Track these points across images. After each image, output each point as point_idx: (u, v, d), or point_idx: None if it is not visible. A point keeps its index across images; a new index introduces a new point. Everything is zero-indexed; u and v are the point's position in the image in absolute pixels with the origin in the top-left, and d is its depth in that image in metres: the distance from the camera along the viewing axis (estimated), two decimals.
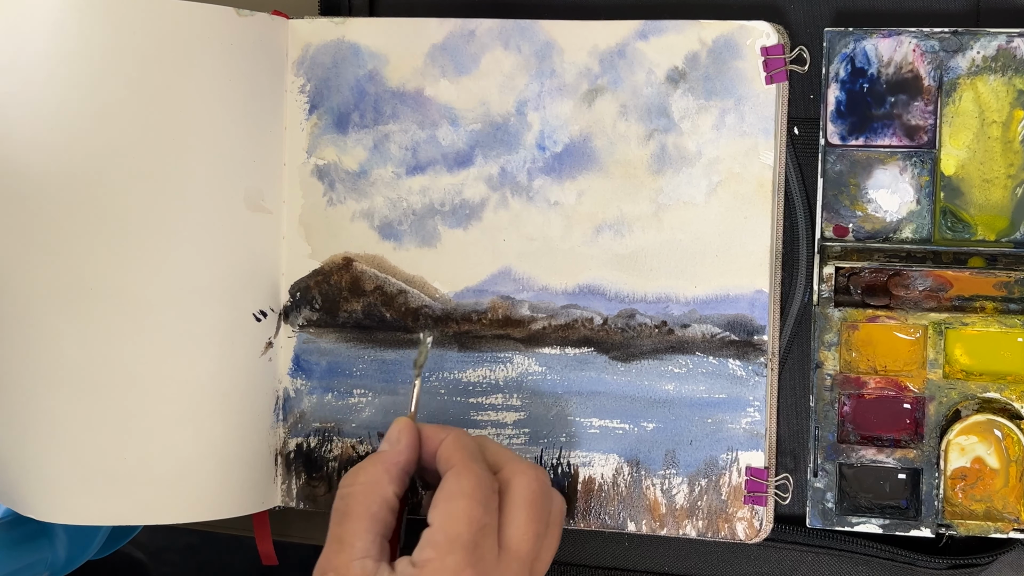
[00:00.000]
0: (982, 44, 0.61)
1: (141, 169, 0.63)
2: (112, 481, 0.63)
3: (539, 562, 0.59)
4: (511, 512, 0.57)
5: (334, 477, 0.68)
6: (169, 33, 0.63)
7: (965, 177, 0.62)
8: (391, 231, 0.67)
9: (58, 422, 0.63)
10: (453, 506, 0.56)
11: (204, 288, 0.65)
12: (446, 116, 0.67)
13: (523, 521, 0.57)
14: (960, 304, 0.63)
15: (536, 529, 0.57)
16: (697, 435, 0.64)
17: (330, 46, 0.68)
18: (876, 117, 0.63)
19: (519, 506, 0.57)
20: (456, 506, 0.56)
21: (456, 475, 0.57)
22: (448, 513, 0.56)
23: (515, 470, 0.58)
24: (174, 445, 0.64)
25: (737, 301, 0.64)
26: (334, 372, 0.68)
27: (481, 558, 0.55)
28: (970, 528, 0.62)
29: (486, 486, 0.57)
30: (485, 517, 0.56)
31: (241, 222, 0.66)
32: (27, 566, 0.65)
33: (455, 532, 0.55)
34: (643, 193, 0.65)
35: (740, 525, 0.64)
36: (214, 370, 0.65)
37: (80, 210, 0.62)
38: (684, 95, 0.64)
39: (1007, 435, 0.62)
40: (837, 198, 0.63)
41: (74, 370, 0.63)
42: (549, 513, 0.59)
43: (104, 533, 0.69)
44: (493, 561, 0.56)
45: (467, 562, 0.55)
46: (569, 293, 0.66)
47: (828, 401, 0.63)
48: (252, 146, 0.66)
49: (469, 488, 0.56)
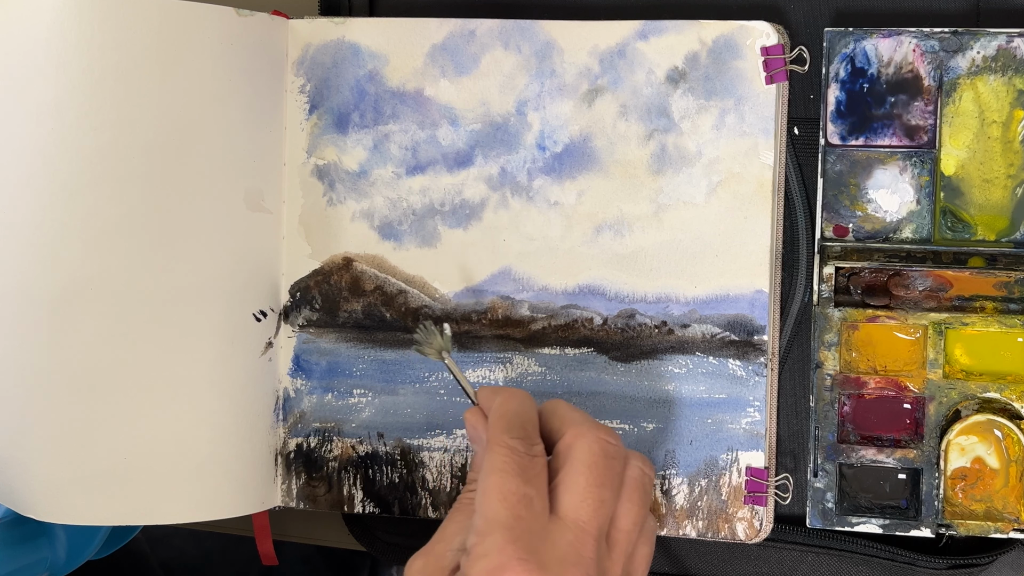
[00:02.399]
0: (982, 44, 0.61)
1: (141, 169, 0.63)
2: (112, 481, 0.63)
3: (636, 552, 0.56)
4: (567, 477, 0.54)
5: (334, 477, 0.68)
6: (169, 33, 0.63)
7: (965, 177, 0.62)
8: (391, 231, 0.67)
9: (58, 422, 0.63)
10: (486, 484, 0.53)
11: (204, 288, 0.65)
12: (446, 116, 0.67)
13: (581, 486, 0.54)
14: (960, 304, 0.63)
15: (598, 495, 0.54)
16: (697, 435, 0.64)
17: (330, 46, 0.68)
18: (876, 117, 0.63)
19: (576, 470, 0.54)
20: (488, 483, 0.53)
21: (488, 451, 0.55)
22: (483, 492, 0.53)
23: (577, 433, 0.55)
24: (174, 445, 0.64)
25: (737, 301, 0.64)
26: (334, 372, 0.68)
27: (526, 531, 0.52)
28: (970, 528, 0.62)
29: (520, 455, 0.54)
30: (523, 488, 0.53)
31: (241, 222, 0.66)
32: (27, 566, 0.65)
33: (491, 512, 0.52)
34: (643, 193, 0.65)
35: (740, 525, 0.64)
36: (214, 370, 0.65)
37: (79, 210, 0.62)
38: (684, 95, 0.64)
39: (1007, 435, 0.62)
40: (837, 198, 0.63)
41: (74, 370, 0.63)
42: (618, 478, 0.55)
43: (104, 533, 0.68)
44: (541, 532, 0.53)
45: (507, 539, 0.51)
46: (569, 293, 0.66)
47: (828, 401, 0.63)
48: (252, 146, 0.66)
49: (500, 462, 0.54)
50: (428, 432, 0.67)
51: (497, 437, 0.55)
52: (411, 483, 0.68)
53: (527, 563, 0.51)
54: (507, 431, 0.55)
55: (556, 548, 0.52)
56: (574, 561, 0.52)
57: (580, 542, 0.53)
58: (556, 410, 0.58)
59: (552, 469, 0.56)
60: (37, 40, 0.61)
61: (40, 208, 0.62)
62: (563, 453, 0.55)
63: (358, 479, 0.68)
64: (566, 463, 0.55)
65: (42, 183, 0.62)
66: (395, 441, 0.68)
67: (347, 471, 0.68)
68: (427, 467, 0.67)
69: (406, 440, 0.68)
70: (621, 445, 0.56)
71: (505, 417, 0.56)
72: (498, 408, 0.57)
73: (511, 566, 0.51)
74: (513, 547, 0.51)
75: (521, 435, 0.55)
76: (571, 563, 0.52)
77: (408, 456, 0.68)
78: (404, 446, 0.68)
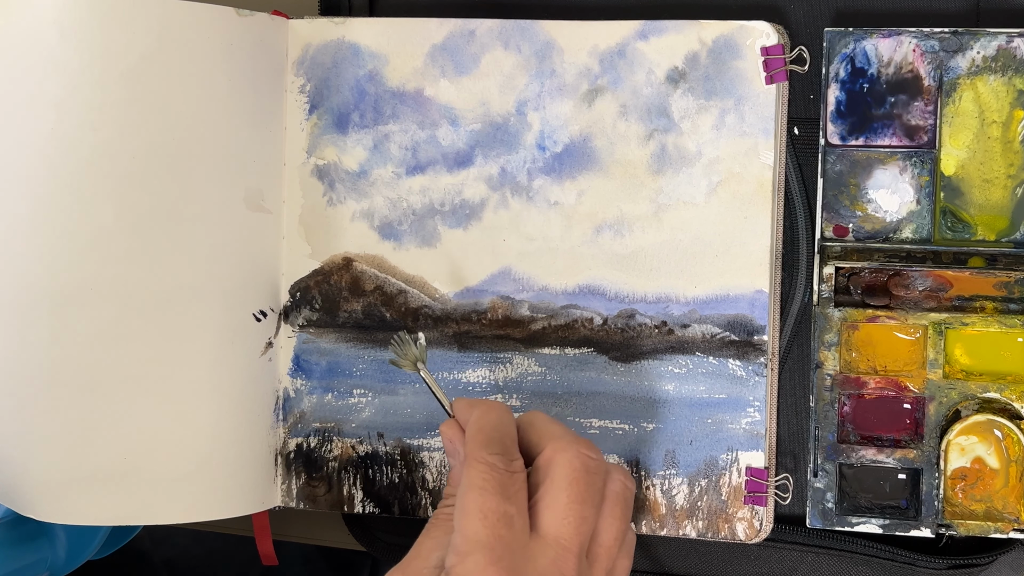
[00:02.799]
0: (982, 44, 0.61)
1: (141, 169, 0.63)
2: (112, 481, 0.63)
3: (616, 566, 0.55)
4: (548, 493, 0.53)
5: (334, 477, 0.68)
6: (169, 33, 0.63)
7: (965, 177, 0.62)
8: (391, 231, 0.67)
9: (58, 422, 0.63)
10: (465, 502, 0.52)
11: (204, 288, 0.65)
12: (446, 116, 0.67)
13: (562, 503, 0.53)
14: (960, 304, 0.63)
15: (580, 511, 0.53)
16: (697, 435, 0.64)
17: (330, 46, 0.68)
18: (876, 117, 0.63)
19: (558, 486, 0.53)
20: (467, 501, 0.52)
21: (467, 467, 0.53)
22: (462, 510, 0.52)
23: (556, 447, 0.54)
24: (174, 445, 0.64)
25: (737, 301, 0.64)
26: (334, 372, 0.68)
27: (506, 551, 0.51)
28: (970, 528, 0.62)
29: (499, 472, 0.53)
30: (503, 506, 0.52)
31: (241, 222, 0.66)
32: (27, 566, 0.65)
33: (471, 531, 0.51)
34: (643, 193, 0.65)
35: (740, 525, 0.64)
36: (214, 370, 0.65)
37: (80, 210, 0.62)
38: (684, 95, 0.64)
39: (1007, 435, 0.62)
40: (837, 198, 0.63)
41: (74, 370, 0.63)
42: (599, 493, 0.54)
43: (104, 533, 0.68)
44: (522, 551, 0.52)
45: (488, 560, 0.51)
46: (569, 293, 0.66)
47: (828, 401, 0.63)
48: (252, 146, 0.66)
49: (479, 479, 0.52)
50: (428, 432, 0.67)
51: (475, 453, 0.54)
52: (411, 483, 0.68)
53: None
54: (486, 446, 0.54)
55: (537, 567, 0.52)
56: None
57: (562, 560, 0.52)
58: (534, 423, 0.56)
59: (532, 484, 0.54)
60: (37, 40, 0.61)
61: (40, 208, 0.62)
62: (543, 468, 0.54)
63: (358, 479, 0.68)
64: (546, 479, 0.54)
65: (42, 183, 0.62)
66: (395, 441, 0.68)
67: (347, 471, 0.68)
68: (427, 467, 0.67)
69: (406, 440, 0.68)
70: (602, 459, 0.55)
71: (484, 431, 0.55)
72: (476, 422, 0.56)
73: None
74: (495, 568, 0.50)
75: (500, 451, 0.54)
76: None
77: (408, 456, 0.68)
78: (404, 446, 0.68)
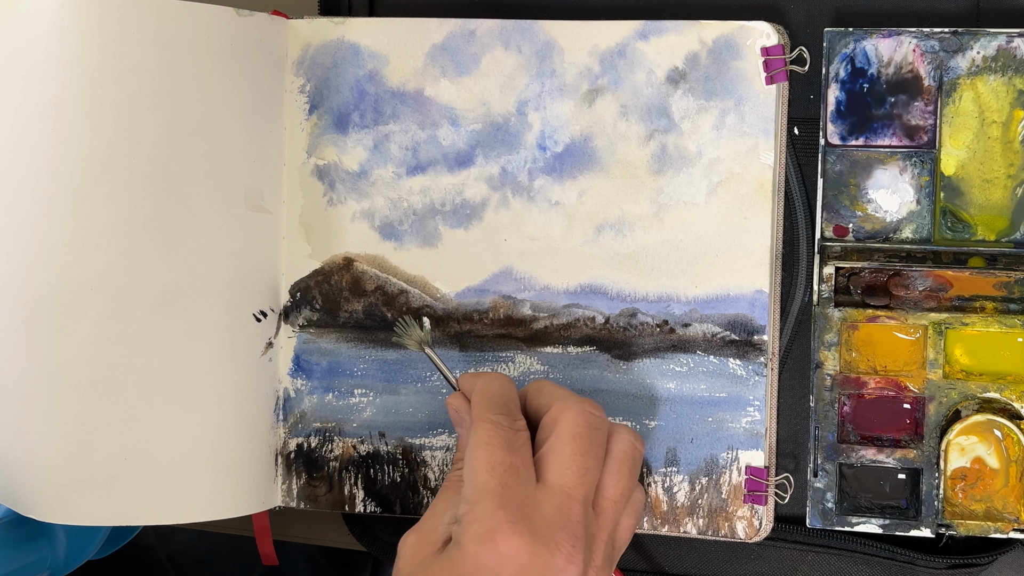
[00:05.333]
0: (982, 44, 0.61)
1: (140, 169, 0.63)
2: (112, 481, 0.63)
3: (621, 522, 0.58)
4: (553, 447, 0.57)
5: (335, 477, 0.68)
6: (169, 33, 0.63)
7: (965, 177, 0.62)
8: (392, 231, 0.67)
9: (58, 422, 0.63)
10: (473, 458, 0.56)
11: (204, 288, 0.65)
12: (446, 116, 0.67)
13: (566, 455, 0.56)
14: (960, 304, 0.63)
15: (583, 463, 0.56)
16: (698, 433, 0.65)
17: (330, 46, 0.68)
18: (876, 117, 0.63)
19: (562, 440, 0.57)
20: (476, 457, 0.56)
21: (473, 429, 0.57)
22: (471, 467, 0.56)
23: (562, 407, 0.58)
24: (174, 445, 0.64)
25: (737, 301, 0.64)
26: (334, 372, 0.68)
27: (513, 497, 0.55)
28: (970, 528, 0.62)
29: (504, 429, 0.57)
30: (509, 458, 0.56)
31: (241, 222, 0.66)
32: (27, 566, 0.65)
33: (480, 482, 0.55)
34: (644, 193, 0.65)
35: (740, 524, 0.64)
36: (214, 370, 0.65)
37: (79, 210, 0.62)
38: (684, 95, 0.64)
39: (1007, 435, 0.62)
40: (837, 198, 0.63)
41: (74, 370, 0.63)
42: (602, 447, 0.58)
43: (104, 533, 0.68)
44: (529, 498, 0.55)
45: (497, 505, 0.54)
46: (571, 292, 0.66)
47: (828, 401, 0.63)
48: (252, 146, 0.66)
49: (485, 437, 0.56)
50: (430, 431, 0.67)
51: (481, 414, 0.58)
52: (413, 482, 0.68)
53: (517, 526, 0.54)
54: (490, 408, 0.58)
55: (544, 512, 0.55)
56: (562, 524, 0.55)
57: (567, 506, 0.55)
58: (542, 388, 0.60)
59: (538, 441, 0.58)
60: (37, 40, 0.61)
61: (40, 208, 0.62)
62: (548, 425, 0.58)
63: (359, 479, 0.68)
64: (551, 434, 0.57)
65: (42, 183, 0.62)
66: (397, 440, 0.68)
67: (348, 471, 0.68)
68: (429, 466, 0.67)
69: (408, 439, 0.68)
70: (605, 416, 0.59)
71: (488, 396, 0.59)
72: (480, 389, 0.59)
73: (502, 529, 0.54)
74: (503, 512, 0.54)
75: (504, 411, 0.58)
76: (559, 526, 0.55)
77: (410, 455, 0.68)
78: (406, 445, 0.68)
